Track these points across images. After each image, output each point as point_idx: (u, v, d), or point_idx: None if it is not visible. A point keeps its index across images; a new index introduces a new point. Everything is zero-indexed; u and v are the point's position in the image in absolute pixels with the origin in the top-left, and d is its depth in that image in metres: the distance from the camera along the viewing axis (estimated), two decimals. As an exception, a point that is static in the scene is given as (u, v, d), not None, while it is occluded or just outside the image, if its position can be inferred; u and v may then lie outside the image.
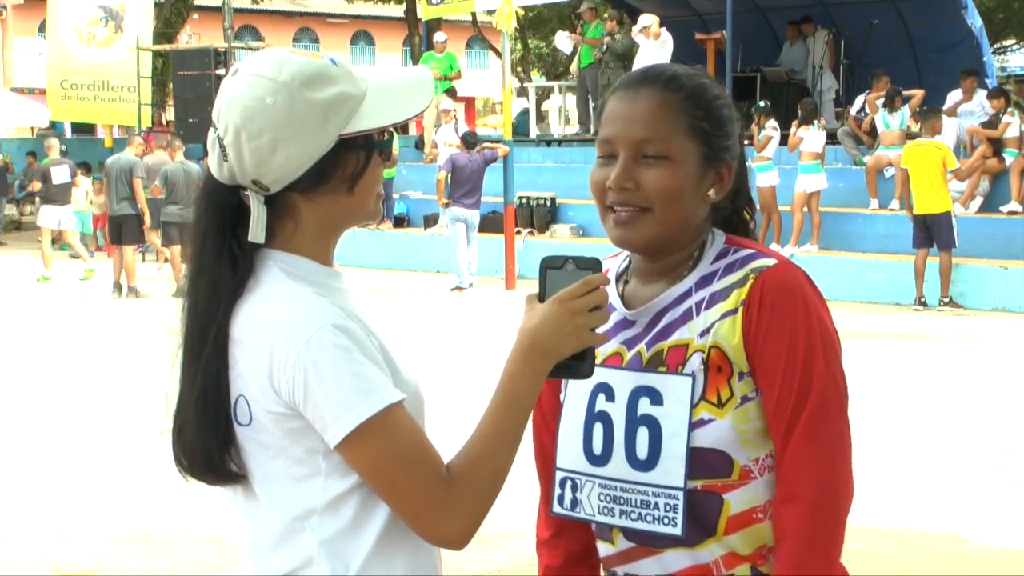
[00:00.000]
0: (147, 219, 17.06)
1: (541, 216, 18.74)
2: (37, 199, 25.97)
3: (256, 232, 1.84)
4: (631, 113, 1.92)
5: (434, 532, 1.79)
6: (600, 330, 1.84)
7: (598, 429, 1.94)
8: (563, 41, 21.65)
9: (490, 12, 20.15)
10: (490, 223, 17.53)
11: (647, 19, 18.63)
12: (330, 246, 1.93)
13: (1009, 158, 15.28)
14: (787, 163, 16.30)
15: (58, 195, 19.31)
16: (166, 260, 18.03)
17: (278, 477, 1.83)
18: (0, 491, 7.01)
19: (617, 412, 1.92)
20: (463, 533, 1.78)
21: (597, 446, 1.94)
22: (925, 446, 7.81)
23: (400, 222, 20.60)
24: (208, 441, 1.83)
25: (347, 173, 1.86)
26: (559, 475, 1.98)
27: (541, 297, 1.84)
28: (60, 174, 19.37)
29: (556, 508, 1.98)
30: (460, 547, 1.80)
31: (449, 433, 1.85)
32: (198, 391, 1.83)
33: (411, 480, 1.76)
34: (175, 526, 6.20)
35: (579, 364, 1.83)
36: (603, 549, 1.99)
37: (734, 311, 1.88)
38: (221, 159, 1.85)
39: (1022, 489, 6.84)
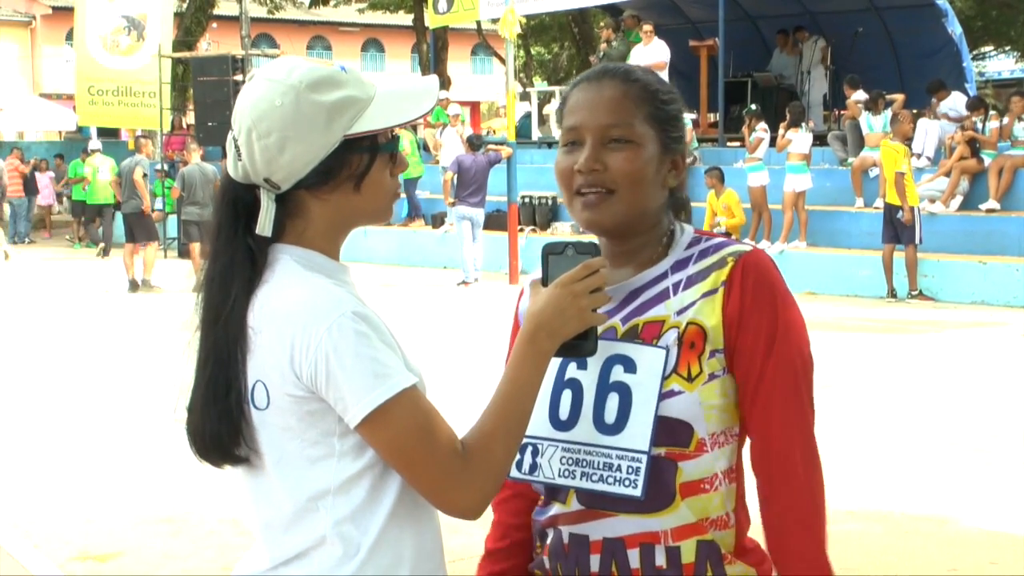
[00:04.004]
0: (146, 207, 16.90)
1: (543, 214, 18.76)
2: (65, 199, 26.19)
3: (264, 225, 1.86)
4: (596, 102, 1.96)
5: (450, 504, 1.80)
6: (601, 310, 1.87)
7: (566, 395, 1.96)
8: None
9: (494, 20, 20.15)
10: (494, 221, 17.53)
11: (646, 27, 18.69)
12: (338, 244, 1.95)
13: (988, 158, 15.31)
14: (776, 164, 16.32)
15: None
16: None
17: (293, 459, 1.84)
18: (29, 477, 7.02)
19: (588, 379, 1.94)
20: (478, 504, 1.81)
21: (564, 412, 1.95)
22: (907, 431, 7.80)
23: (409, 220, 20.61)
24: (218, 424, 1.85)
25: (352, 172, 1.88)
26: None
27: (544, 282, 1.87)
28: None
29: (514, 472, 1.98)
30: (475, 517, 1.82)
31: (455, 418, 1.84)
32: (209, 376, 1.85)
33: (428, 455, 1.77)
34: (195, 509, 6.20)
35: (583, 343, 1.85)
36: (553, 509, 2.00)
37: (714, 291, 1.91)
38: (236, 158, 1.88)
39: (1000, 472, 6.83)
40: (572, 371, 1.96)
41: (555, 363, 1.96)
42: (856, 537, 5.63)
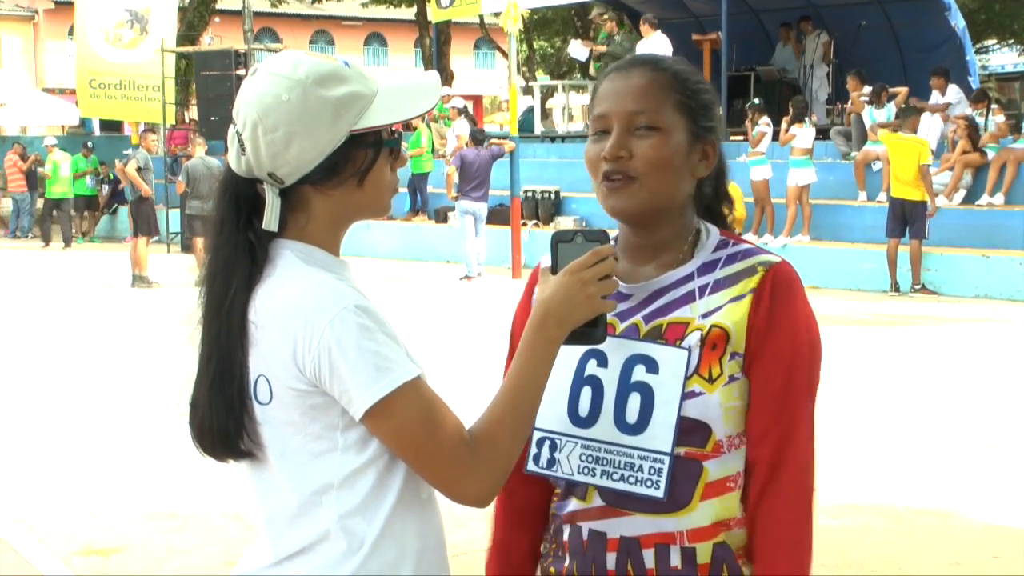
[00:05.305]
0: (144, 191, 16.66)
1: (546, 209, 18.74)
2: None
3: (270, 220, 1.87)
4: (624, 90, 1.95)
5: (459, 492, 1.81)
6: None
7: (586, 392, 1.95)
8: (577, 49, 21.52)
9: (497, 14, 20.12)
10: (497, 215, 17.52)
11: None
12: (339, 238, 1.95)
13: (991, 152, 15.30)
14: (779, 158, 16.30)
15: None
16: None
17: (297, 453, 1.84)
18: (33, 472, 7.03)
19: (609, 377, 1.93)
20: (486, 492, 1.81)
21: (584, 409, 1.95)
22: (910, 426, 7.79)
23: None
24: (223, 419, 1.85)
25: (357, 168, 1.88)
26: (537, 435, 1.98)
27: (554, 270, 1.86)
28: None
29: (531, 466, 1.99)
30: (484, 505, 1.83)
31: (458, 412, 1.84)
32: (213, 371, 1.85)
33: (435, 445, 1.78)
34: (199, 504, 6.21)
35: (592, 331, 1.85)
36: (572, 505, 2.00)
37: (740, 297, 1.90)
38: (239, 153, 1.88)
39: (1004, 466, 6.83)
40: (592, 368, 1.95)
41: (574, 358, 1.96)
42: (859, 531, 5.63)
